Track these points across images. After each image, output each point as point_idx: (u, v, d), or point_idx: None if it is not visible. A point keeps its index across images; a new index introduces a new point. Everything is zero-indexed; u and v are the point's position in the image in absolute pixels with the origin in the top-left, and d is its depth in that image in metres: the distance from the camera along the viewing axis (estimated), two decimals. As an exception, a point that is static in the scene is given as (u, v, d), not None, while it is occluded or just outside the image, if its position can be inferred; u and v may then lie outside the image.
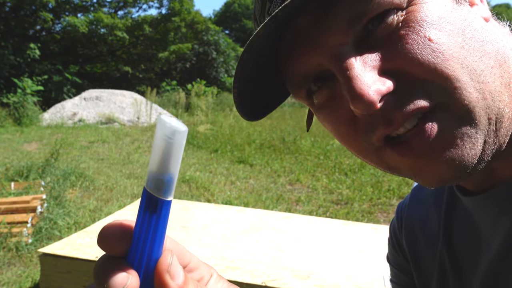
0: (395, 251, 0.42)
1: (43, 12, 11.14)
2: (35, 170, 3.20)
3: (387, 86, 0.24)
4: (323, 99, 0.28)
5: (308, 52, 0.26)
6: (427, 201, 0.39)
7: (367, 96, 0.23)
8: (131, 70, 12.75)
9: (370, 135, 0.26)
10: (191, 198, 2.90)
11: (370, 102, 0.23)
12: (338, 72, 0.25)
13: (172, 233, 1.61)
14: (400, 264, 0.42)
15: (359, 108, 0.24)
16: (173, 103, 9.57)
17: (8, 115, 6.96)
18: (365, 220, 2.50)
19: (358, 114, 0.25)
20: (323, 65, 0.26)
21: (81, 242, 1.50)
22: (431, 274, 0.36)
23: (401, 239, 0.41)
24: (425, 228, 0.38)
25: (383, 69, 0.24)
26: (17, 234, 2.09)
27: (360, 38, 0.25)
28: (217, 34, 14.47)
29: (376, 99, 0.23)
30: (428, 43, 0.23)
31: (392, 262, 0.44)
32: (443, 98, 0.24)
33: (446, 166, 0.24)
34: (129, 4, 13.78)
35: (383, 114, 0.24)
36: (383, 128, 0.25)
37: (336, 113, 0.27)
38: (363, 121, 0.26)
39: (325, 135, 5.58)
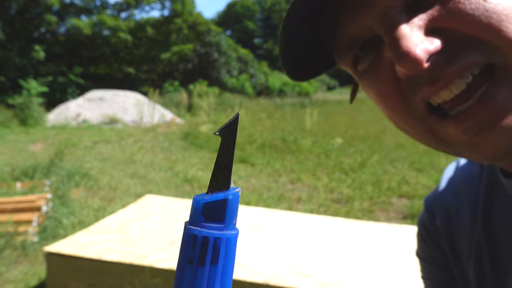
0: (426, 244, 0.41)
1: (48, 14, 11.26)
2: (40, 170, 3.25)
3: (435, 45, 0.23)
4: (368, 65, 0.27)
5: (357, 14, 0.25)
6: (460, 191, 0.38)
7: (413, 54, 0.22)
8: (134, 71, 12.83)
9: (414, 95, 0.24)
10: (193, 197, 2.92)
11: (417, 61, 0.22)
12: (385, 33, 0.24)
13: (175, 231, 1.63)
14: (432, 257, 0.40)
15: (405, 67, 0.22)
16: (176, 104, 9.62)
17: (14, 116, 7.05)
18: (365, 218, 2.50)
19: (404, 74, 0.23)
20: (371, 29, 0.25)
21: (86, 240, 1.52)
22: (468, 261, 0.36)
23: (433, 229, 0.40)
24: (460, 216, 0.37)
25: (432, 29, 0.23)
26: (23, 233, 2.13)
27: (410, 3, 0.24)
28: (218, 35, 14.51)
29: (423, 57, 0.22)
30: (483, 3, 0.22)
31: (423, 256, 0.42)
32: (498, 59, 0.22)
33: (505, 138, 0.23)
34: (132, 6, 13.87)
35: (429, 73, 0.23)
36: (428, 86, 0.23)
37: (380, 77, 0.26)
38: (407, 82, 0.24)
39: (325, 135, 5.57)
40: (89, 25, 11.82)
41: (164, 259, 1.38)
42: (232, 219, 0.13)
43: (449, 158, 4.17)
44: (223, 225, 0.13)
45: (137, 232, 1.63)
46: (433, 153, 4.47)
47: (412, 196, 2.97)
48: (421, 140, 0.28)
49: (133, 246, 1.48)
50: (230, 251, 0.13)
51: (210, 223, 0.13)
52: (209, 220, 0.13)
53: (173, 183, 3.36)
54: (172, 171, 3.79)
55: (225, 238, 0.13)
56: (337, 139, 5.23)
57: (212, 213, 0.13)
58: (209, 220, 0.13)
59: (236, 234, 0.13)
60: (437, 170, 3.71)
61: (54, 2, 11.21)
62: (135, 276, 1.35)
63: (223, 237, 0.13)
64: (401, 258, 1.40)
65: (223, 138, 0.14)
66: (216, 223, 0.13)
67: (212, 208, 0.13)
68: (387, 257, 1.42)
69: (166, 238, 1.56)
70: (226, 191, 0.13)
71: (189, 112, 9.04)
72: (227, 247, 0.13)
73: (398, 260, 1.39)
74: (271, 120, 7.29)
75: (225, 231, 0.13)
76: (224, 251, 0.13)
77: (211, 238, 0.13)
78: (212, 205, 0.13)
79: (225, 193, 0.13)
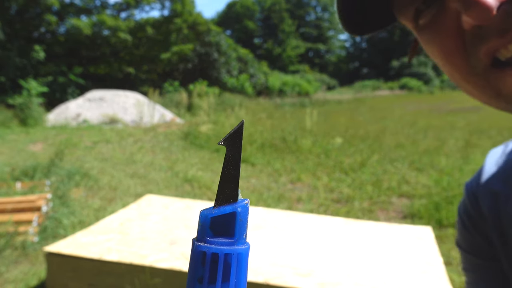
0: (468, 232, 0.39)
1: (48, 14, 11.27)
2: (40, 170, 3.25)
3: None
4: (430, 18, 0.25)
5: None
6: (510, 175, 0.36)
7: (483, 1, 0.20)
8: (134, 71, 12.83)
9: (478, 49, 0.23)
10: (194, 197, 2.92)
11: (487, 8, 0.20)
12: None
13: (176, 231, 1.64)
14: (475, 246, 0.38)
15: (473, 16, 0.21)
16: (176, 104, 9.63)
17: (14, 116, 7.06)
18: (365, 218, 2.50)
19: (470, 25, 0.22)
20: None
21: (86, 240, 1.53)
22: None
23: (477, 216, 0.38)
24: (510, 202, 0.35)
25: None
26: (23, 233, 2.13)
27: None
28: (218, 35, 14.51)
29: (493, 4, 0.21)
30: None
31: (464, 246, 0.40)
32: None
33: None
34: (131, 6, 13.87)
35: (498, 24, 0.21)
36: (496, 39, 0.22)
37: (442, 30, 0.24)
38: (472, 34, 0.23)
39: (325, 135, 5.57)
40: (89, 25, 11.83)
41: (164, 259, 1.38)
42: (242, 233, 0.13)
43: (449, 158, 4.17)
44: (233, 240, 0.12)
45: (137, 232, 1.63)
46: (433, 152, 4.46)
47: (412, 196, 2.97)
48: (480, 98, 0.26)
49: (133, 246, 1.48)
50: (242, 267, 0.12)
51: (219, 238, 0.12)
52: (218, 235, 0.12)
53: (173, 183, 3.36)
54: (172, 171, 3.80)
55: (236, 254, 0.12)
56: (337, 139, 5.23)
57: (220, 227, 0.12)
58: (218, 235, 0.12)
59: (247, 248, 0.13)
60: (437, 169, 3.71)
61: (54, 2, 11.21)
62: (135, 276, 1.35)
63: (234, 252, 0.12)
64: (401, 258, 1.41)
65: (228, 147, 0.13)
66: (225, 238, 0.12)
67: (221, 222, 0.12)
68: (387, 256, 1.42)
69: (166, 238, 1.56)
70: (234, 203, 0.13)
71: (189, 112, 9.04)
72: (239, 263, 0.12)
73: (398, 260, 1.39)
74: (271, 120, 7.29)
75: (235, 246, 0.12)
76: (236, 267, 0.12)
77: (221, 254, 0.12)
78: (220, 219, 0.12)
79: (233, 206, 0.13)
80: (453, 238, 2.20)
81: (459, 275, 1.80)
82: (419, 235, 1.61)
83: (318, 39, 30.65)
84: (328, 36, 31.39)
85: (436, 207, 2.59)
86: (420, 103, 12.72)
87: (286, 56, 27.12)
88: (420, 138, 5.52)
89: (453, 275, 1.77)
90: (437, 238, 2.07)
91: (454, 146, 4.83)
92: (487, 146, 4.73)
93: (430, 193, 2.93)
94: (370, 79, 24.65)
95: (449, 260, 1.93)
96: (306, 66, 26.77)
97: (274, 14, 29.34)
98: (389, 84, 22.33)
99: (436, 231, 2.23)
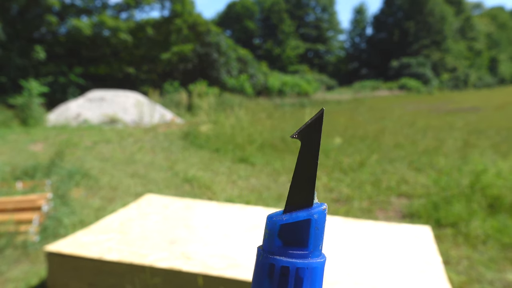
0: None
1: (48, 15, 11.27)
2: (41, 170, 3.26)
3: None
4: None
5: None
6: None
7: None
8: (134, 71, 12.84)
9: None
10: (194, 196, 2.93)
11: None
12: None
13: (175, 231, 1.64)
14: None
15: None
16: (176, 104, 9.63)
17: (15, 116, 7.07)
18: (364, 217, 2.51)
19: None
20: None
21: (86, 240, 1.53)
22: None
23: None
24: None
25: None
26: (24, 232, 2.14)
27: None
28: (218, 35, 14.52)
29: None
30: None
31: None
32: None
33: None
34: (132, 7, 13.88)
35: None
36: None
37: None
38: None
39: (325, 135, 5.58)
40: (89, 26, 11.84)
41: (165, 258, 1.39)
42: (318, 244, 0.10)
43: (448, 158, 4.18)
44: (306, 251, 0.10)
45: (137, 231, 1.64)
46: (432, 152, 4.47)
47: (411, 196, 2.98)
48: None
49: (134, 246, 1.49)
50: (316, 283, 0.10)
51: (291, 250, 0.10)
52: (288, 245, 0.10)
53: (173, 183, 3.37)
54: (172, 170, 3.80)
55: (310, 268, 0.10)
56: (336, 138, 5.24)
57: (292, 236, 0.10)
58: (288, 245, 0.10)
59: (323, 262, 0.10)
60: (436, 169, 3.72)
61: (55, 3, 11.22)
62: (136, 275, 1.36)
63: (307, 266, 0.10)
64: (400, 257, 1.42)
65: (304, 142, 0.10)
66: (298, 249, 0.10)
67: (293, 231, 0.10)
68: (386, 256, 1.43)
69: (167, 238, 1.57)
70: (309, 208, 0.10)
71: (189, 112, 9.05)
72: (313, 278, 0.10)
73: (397, 259, 1.40)
74: (271, 120, 7.30)
75: (309, 259, 0.10)
76: (310, 283, 0.10)
77: (292, 268, 0.10)
78: (292, 226, 0.10)
79: (308, 212, 0.10)
80: (451, 237, 2.21)
81: (458, 274, 1.81)
82: (418, 235, 1.62)
83: (318, 40, 30.65)
84: (328, 36, 31.39)
85: (435, 206, 2.60)
86: (419, 103, 12.73)
87: (285, 56, 27.12)
88: (419, 138, 5.53)
89: (452, 275, 1.78)
90: (436, 237, 2.08)
91: (453, 146, 4.84)
92: (486, 146, 4.75)
93: (429, 193, 2.94)
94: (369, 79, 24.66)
95: (448, 259, 1.94)
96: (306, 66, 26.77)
97: (273, 14, 29.35)
98: (388, 84, 22.33)
99: (435, 231, 2.24)
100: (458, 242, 2.15)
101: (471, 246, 2.07)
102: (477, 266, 1.86)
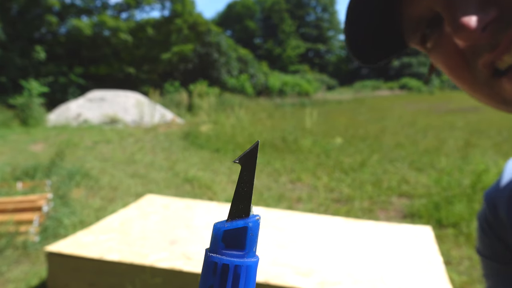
0: (488, 238, 0.41)
1: (49, 15, 11.29)
2: (41, 170, 3.26)
3: (490, 14, 0.24)
4: (434, 41, 0.28)
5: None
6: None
7: (467, 25, 0.23)
8: (134, 71, 12.85)
9: (477, 62, 0.26)
10: (194, 197, 2.93)
11: (472, 31, 0.23)
12: (442, 10, 0.26)
13: (176, 231, 1.64)
14: (495, 251, 0.40)
15: (461, 38, 0.24)
16: (176, 104, 9.63)
17: (15, 116, 7.07)
18: (365, 218, 2.51)
19: (462, 45, 0.25)
20: (433, 8, 0.27)
21: (86, 240, 1.53)
22: None
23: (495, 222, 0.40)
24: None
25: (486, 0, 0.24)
26: (24, 232, 2.14)
27: None
28: (218, 35, 14.52)
29: (478, 27, 0.23)
30: None
31: (484, 252, 0.42)
32: None
33: None
34: (132, 7, 13.89)
35: (489, 41, 0.24)
36: (488, 54, 0.25)
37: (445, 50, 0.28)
38: (470, 51, 0.26)
39: (325, 134, 5.58)
40: (89, 26, 11.84)
41: (165, 258, 1.38)
42: (252, 247, 0.13)
43: (449, 158, 4.17)
44: (243, 252, 0.13)
45: (137, 231, 1.63)
46: (433, 152, 4.46)
47: (412, 196, 2.97)
48: (491, 104, 0.29)
49: (134, 246, 1.48)
50: (251, 279, 0.13)
51: (231, 251, 0.13)
52: (229, 247, 0.13)
53: (174, 183, 3.37)
54: (173, 171, 3.80)
55: (245, 266, 0.13)
56: (337, 138, 5.23)
57: (232, 240, 0.13)
58: (229, 247, 0.13)
59: (256, 262, 0.13)
60: (437, 169, 3.71)
61: (55, 3, 11.23)
62: (136, 275, 1.35)
63: (243, 264, 0.13)
64: (401, 257, 1.41)
65: (243, 166, 0.14)
66: (236, 250, 0.13)
67: (233, 236, 0.13)
68: (387, 256, 1.42)
69: (167, 238, 1.57)
70: (246, 218, 0.13)
71: (189, 112, 9.05)
72: (248, 274, 0.13)
73: (398, 260, 1.39)
74: (271, 120, 7.30)
75: (245, 258, 0.13)
76: (245, 278, 0.13)
77: (231, 265, 0.13)
78: (233, 232, 0.13)
79: (245, 221, 0.13)
80: (452, 237, 2.20)
81: (459, 274, 1.80)
82: (419, 235, 1.62)
83: (318, 39, 30.64)
84: (328, 36, 31.38)
85: (436, 206, 2.59)
86: (420, 103, 12.71)
87: (286, 56, 27.11)
88: (420, 138, 5.52)
89: (452, 275, 1.77)
90: (437, 237, 2.07)
91: (454, 146, 4.83)
92: (486, 146, 4.73)
93: (430, 193, 2.93)
94: (370, 79, 24.64)
95: (449, 259, 1.93)
96: (306, 66, 26.76)
97: (274, 14, 29.34)
98: (389, 84, 22.31)
99: (436, 231, 2.23)
100: (459, 242, 2.14)
101: (472, 246, 2.06)
102: (478, 266, 1.85)
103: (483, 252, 0.42)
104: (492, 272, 0.41)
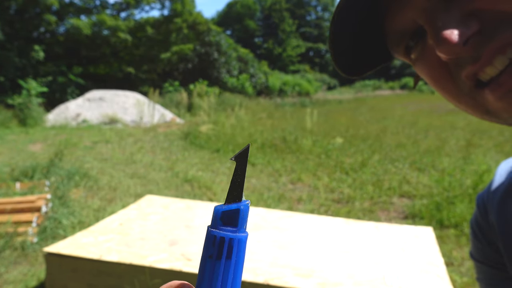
0: (480, 242, 0.41)
1: (47, 14, 11.25)
2: (39, 170, 3.24)
3: (471, 27, 0.24)
4: (418, 53, 0.29)
5: (402, 9, 0.28)
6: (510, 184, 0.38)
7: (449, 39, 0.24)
8: (134, 71, 12.83)
9: (459, 74, 0.26)
10: (194, 197, 2.92)
11: (454, 45, 0.24)
12: (425, 23, 0.26)
13: (176, 232, 1.63)
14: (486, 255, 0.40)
15: (443, 52, 0.24)
16: (176, 104, 9.62)
17: (13, 116, 7.05)
18: (366, 218, 2.50)
19: (445, 58, 0.25)
20: (416, 21, 0.27)
21: (85, 241, 1.52)
22: None
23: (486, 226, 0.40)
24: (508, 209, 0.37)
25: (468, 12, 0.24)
26: (22, 233, 2.12)
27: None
28: (218, 35, 14.51)
29: (459, 41, 0.24)
30: None
31: (477, 257, 0.42)
32: None
33: None
34: (131, 6, 13.86)
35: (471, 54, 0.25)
36: (470, 66, 0.25)
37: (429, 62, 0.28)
38: (453, 64, 0.26)
39: (326, 135, 5.57)
40: (88, 25, 11.82)
41: (164, 259, 1.37)
42: (243, 225, 0.17)
43: (450, 158, 4.16)
44: (236, 229, 0.17)
45: (137, 232, 1.62)
46: (434, 152, 4.45)
47: (413, 196, 2.96)
48: (475, 114, 0.29)
49: (133, 247, 1.47)
50: (241, 249, 0.17)
51: (226, 227, 0.16)
52: (225, 224, 0.17)
53: (173, 183, 3.36)
54: (172, 171, 3.79)
55: (237, 239, 0.16)
56: (338, 138, 5.22)
57: (228, 219, 0.17)
58: (225, 224, 0.17)
59: (246, 236, 0.17)
60: (438, 169, 3.70)
61: (54, 2, 11.19)
62: (135, 276, 1.34)
63: (236, 238, 0.16)
64: (402, 258, 1.40)
65: (237, 162, 0.17)
66: (231, 227, 0.17)
67: (228, 216, 0.17)
68: (388, 257, 1.41)
69: (166, 239, 1.55)
70: (239, 202, 0.17)
71: (189, 112, 9.04)
72: (239, 246, 0.16)
73: (399, 261, 1.38)
74: (272, 120, 7.29)
75: (237, 233, 0.16)
76: (237, 249, 0.16)
77: (227, 238, 0.16)
78: (228, 213, 0.17)
79: (238, 204, 0.17)
80: (454, 238, 2.19)
81: (461, 275, 1.79)
82: (420, 236, 1.60)
83: (319, 39, 30.64)
84: (328, 35, 31.32)
85: (437, 207, 2.58)
86: (421, 103, 12.72)
87: (286, 55, 27.11)
88: (421, 138, 5.51)
89: (454, 276, 1.76)
90: (438, 238, 2.06)
91: (455, 146, 4.82)
92: (488, 146, 4.72)
93: (431, 193, 2.92)
94: (370, 79, 24.64)
95: (450, 260, 1.92)
96: (307, 65, 26.77)
97: (274, 13, 29.33)
98: (390, 84, 22.32)
99: (437, 232, 2.22)
100: (461, 243, 2.13)
101: (474, 246, 2.05)
102: (480, 267, 1.84)
103: (475, 256, 0.43)
104: (484, 276, 0.42)
